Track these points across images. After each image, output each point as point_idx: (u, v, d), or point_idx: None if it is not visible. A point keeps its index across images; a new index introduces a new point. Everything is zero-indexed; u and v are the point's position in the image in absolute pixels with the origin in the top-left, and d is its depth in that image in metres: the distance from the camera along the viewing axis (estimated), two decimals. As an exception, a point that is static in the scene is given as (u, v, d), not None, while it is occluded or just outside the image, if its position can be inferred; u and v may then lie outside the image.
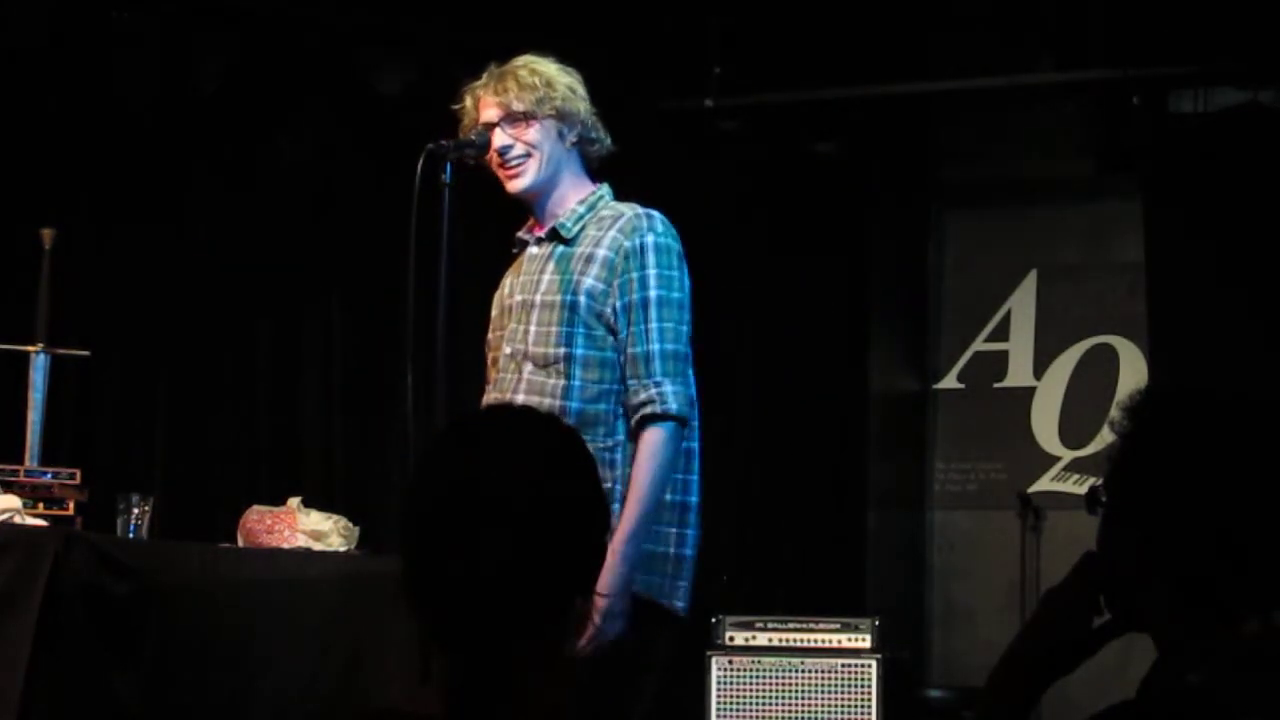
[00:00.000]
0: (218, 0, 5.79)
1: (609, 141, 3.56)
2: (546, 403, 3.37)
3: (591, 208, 3.51)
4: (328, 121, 6.08)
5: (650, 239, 3.41)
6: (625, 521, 3.31)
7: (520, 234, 3.62)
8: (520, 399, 3.38)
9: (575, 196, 3.52)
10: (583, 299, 3.41)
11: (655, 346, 3.39)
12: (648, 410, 3.36)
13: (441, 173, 3.42)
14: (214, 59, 5.74)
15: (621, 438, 3.42)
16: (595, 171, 3.58)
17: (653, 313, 3.39)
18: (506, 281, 3.62)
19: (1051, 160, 6.96)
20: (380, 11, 5.98)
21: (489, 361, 3.60)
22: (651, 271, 3.41)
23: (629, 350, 3.39)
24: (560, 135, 3.49)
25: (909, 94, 6.64)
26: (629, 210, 3.47)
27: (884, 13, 6.39)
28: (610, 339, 3.42)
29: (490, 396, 3.52)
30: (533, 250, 3.54)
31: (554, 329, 3.43)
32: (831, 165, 6.75)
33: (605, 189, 3.56)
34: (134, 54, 5.63)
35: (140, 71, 5.66)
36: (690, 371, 3.46)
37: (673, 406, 3.37)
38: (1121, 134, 6.31)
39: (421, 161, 3.40)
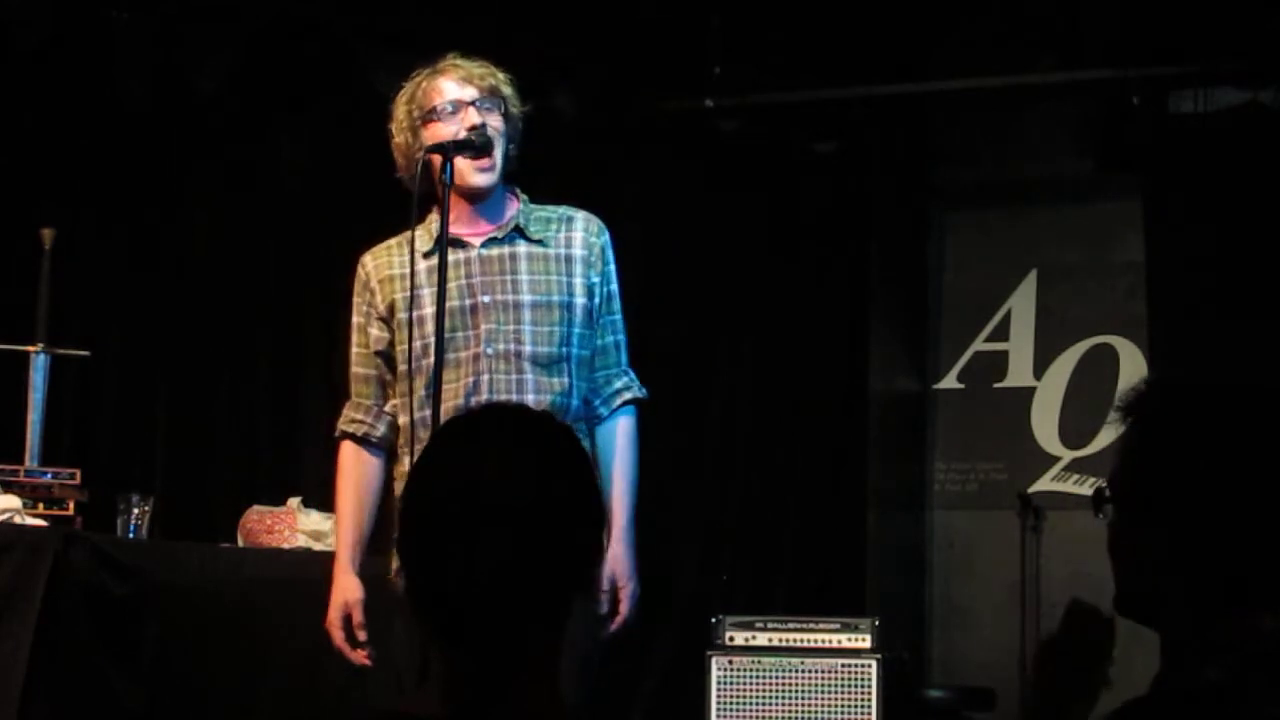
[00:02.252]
0: (218, 0, 5.78)
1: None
2: (558, 402, 3.41)
3: (529, 208, 3.57)
4: (328, 121, 6.08)
5: (607, 237, 3.59)
6: (624, 509, 3.48)
7: (454, 233, 3.45)
8: (530, 399, 3.38)
9: (514, 198, 3.58)
10: (579, 300, 3.49)
11: (621, 337, 3.59)
12: (627, 395, 3.56)
13: (441, 173, 3.41)
14: (214, 59, 5.73)
15: (585, 431, 3.52)
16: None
17: (616, 305, 3.59)
18: (424, 280, 3.44)
19: (1051, 160, 6.95)
20: (380, 11, 5.98)
21: (429, 363, 3.40)
22: (612, 267, 3.58)
23: (603, 339, 3.56)
24: (509, 138, 3.51)
25: (909, 94, 6.63)
26: (576, 211, 3.60)
27: (883, 13, 6.38)
28: (593, 336, 3.53)
29: (477, 399, 3.41)
30: (483, 252, 3.50)
31: (555, 329, 3.45)
32: (831, 165, 6.74)
33: (520, 189, 3.61)
34: (134, 54, 5.63)
35: (140, 71, 5.66)
36: None
37: (642, 391, 3.58)
38: (1121, 134, 6.30)
39: (421, 162, 3.40)
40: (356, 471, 3.59)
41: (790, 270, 6.74)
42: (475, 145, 3.45)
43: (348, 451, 3.62)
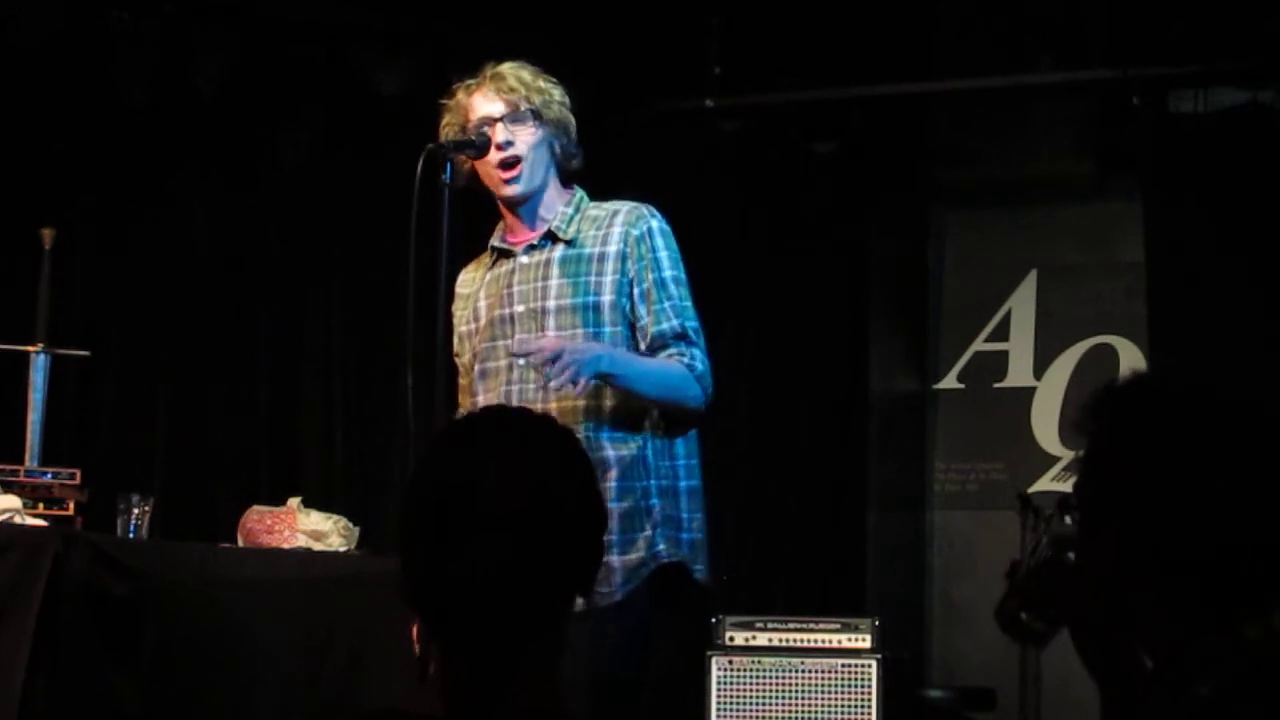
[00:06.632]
0: (218, 0, 5.79)
1: (581, 156, 3.58)
2: (580, 404, 3.38)
3: (577, 209, 3.54)
4: (327, 121, 6.08)
5: (655, 224, 3.50)
6: (639, 359, 3.35)
7: (496, 243, 3.58)
8: (553, 406, 3.37)
9: (560, 200, 3.55)
10: (606, 298, 3.44)
11: (683, 322, 3.45)
12: (680, 360, 3.42)
13: (441, 173, 3.42)
14: (214, 59, 5.74)
15: (648, 433, 3.44)
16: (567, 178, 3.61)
17: (674, 290, 3.47)
18: (482, 292, 3.56)
19: (1051, 160, 6.95)
20: (380, 11, 5.98)
21: (476, 374, 3.53)
22: (664, 254, 3.48)
23: (657, 327, 3.43)
24: (552, 143, 3.50)
25: (909, 94, 6.64)
26: (624, 205, 3.54)
27: (884, 13, 6.38)
28: (628, 335, 3.44)
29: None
30: (524, 259, 3.52)
31: (579, 331, 3.43)
32: (831, 165, 6.74)
33: (581, 190, 3.59)
34: (134, 54, 5.63)
35: (140, 71, 5.66)
36: None
37: (695, 363, 3.42)
38: (1121, 134, 6.31)
39: (421, 161, 3.40)
40: None
41: (790, 270, 6.74)
42: (475, 144, 3.46)
43: None
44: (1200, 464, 1.75)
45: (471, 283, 3.60)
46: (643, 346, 3.44)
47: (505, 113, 3.47)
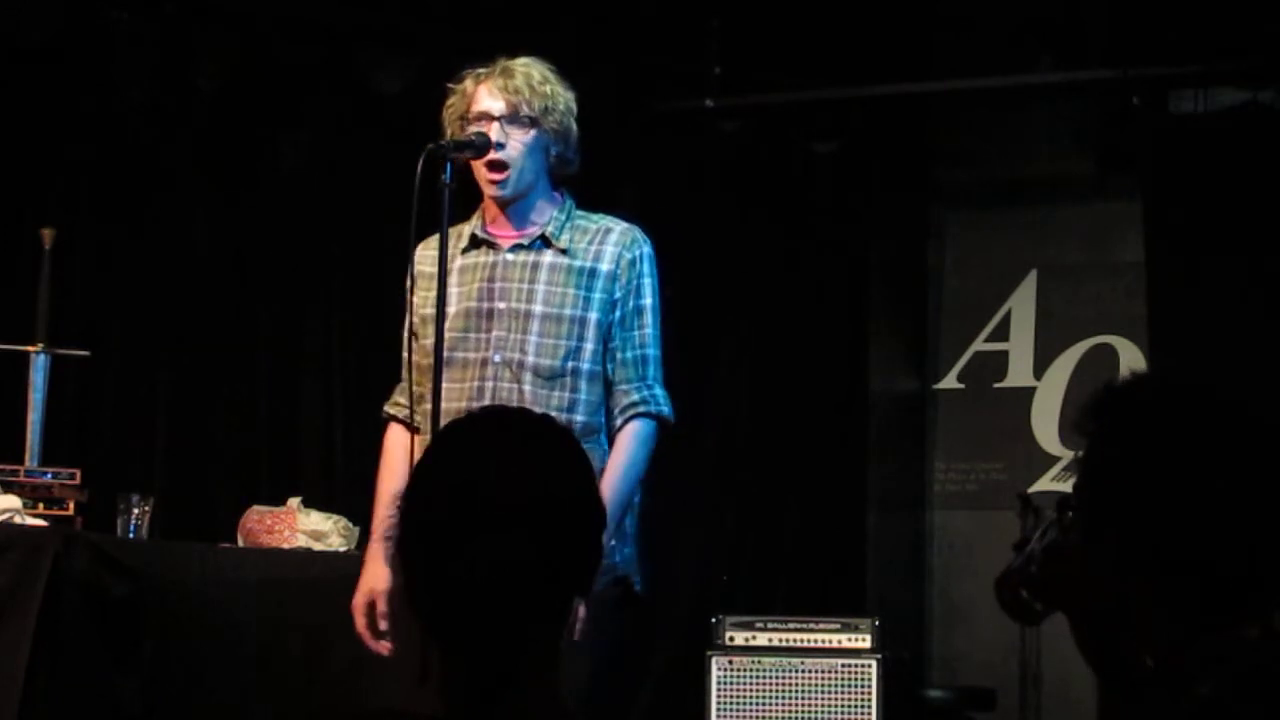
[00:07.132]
0: (218, 0, 5.79)
1: (577, 163, 3.58)
2: (550, 412, 3.37)
3: (568, 216, 3.55)
4: (327, 122, 6.08)
5: (645, 250, 3.54)
6: (608, 503, 3.34)
7: (478, 232, 3.55)
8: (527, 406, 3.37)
9: (550, 206, 3.55)
10: (594, 315, 3.46)
11: (650, 352, 3.51)
12: (642, 409, 3.47)
13: (441, 173, 3.41)
14: (214, 59, 5.74)
15: (607, 448, 3.48)
16: (559, 181, 3.61)
17: (648, 319, 3.52)
18: (454, 278, 3.49)
19: (1051, 160, 6.95)
20: (380, 11, 5.98)
21: (441, 360, 3.43)
22: (647, 281, 3.53)
23: (623, 353, 3.48)
24: (548, 147, 3.50)
25: (909, 94, 6.64)
26: (616, 224, 3.56)
27: (884, 13, 6.39)
28: (603, 351, 3.47)
29: (479, 405, 3.40)
30: (509, 256, 3.52)
31: (562, 343, 3.44)
32: (831, 165, 6.74)
33: (569, 196, 3.60)
34: (134, 54, 5.63)
35: (140, 71, 5.66)
36: None
37: (665, 409, 3.49)
38: (1121, 134, 6.31)
39: (421, 161, 3.40)
40: (394, 455, 3.56)
41: (790, 270, 6.74)
42: (475, 145, 3.46)
43: (390, 434, 3.60)
44: (1200, 464, 1.75)
45: (435, 261, 3.49)
46: (608, 366, 3.47)
47: (504, 114, 3.47)
